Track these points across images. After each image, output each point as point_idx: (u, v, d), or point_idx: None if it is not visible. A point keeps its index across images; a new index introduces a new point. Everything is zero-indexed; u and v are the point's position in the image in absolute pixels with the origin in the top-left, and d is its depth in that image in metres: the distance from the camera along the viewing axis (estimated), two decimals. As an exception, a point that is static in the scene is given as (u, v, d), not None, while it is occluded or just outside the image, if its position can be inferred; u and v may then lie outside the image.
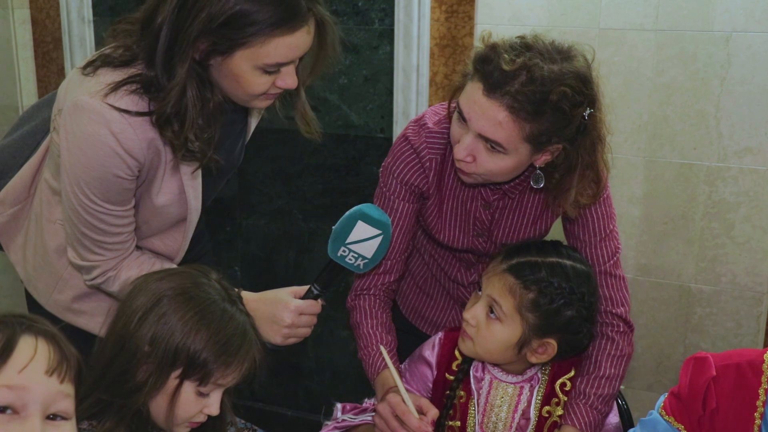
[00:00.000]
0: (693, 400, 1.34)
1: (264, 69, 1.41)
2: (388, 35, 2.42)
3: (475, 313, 1.55)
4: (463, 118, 1.44)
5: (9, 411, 0.91)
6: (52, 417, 0.95)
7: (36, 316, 1.00)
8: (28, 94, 2.78)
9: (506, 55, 1.36)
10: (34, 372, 0.93)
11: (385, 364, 1.56)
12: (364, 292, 1.69)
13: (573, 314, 1.51)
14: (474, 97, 1.40)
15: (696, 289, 2.26)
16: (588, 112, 1.42)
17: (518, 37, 1.42)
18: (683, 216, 2.23)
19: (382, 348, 1.57)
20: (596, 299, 1.58)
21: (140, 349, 1.24)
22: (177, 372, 1.24)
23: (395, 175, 1.61)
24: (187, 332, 1.23)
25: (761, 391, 1.30)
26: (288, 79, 1.45)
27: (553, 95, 1.35)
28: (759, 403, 1.30)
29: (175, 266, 1.61)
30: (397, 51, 2.37)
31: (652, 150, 2.21)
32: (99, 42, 2.67)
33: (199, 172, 1.54)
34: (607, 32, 2.17)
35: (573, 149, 1.45)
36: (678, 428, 1.35)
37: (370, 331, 1.64)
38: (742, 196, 2.16)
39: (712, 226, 2.20)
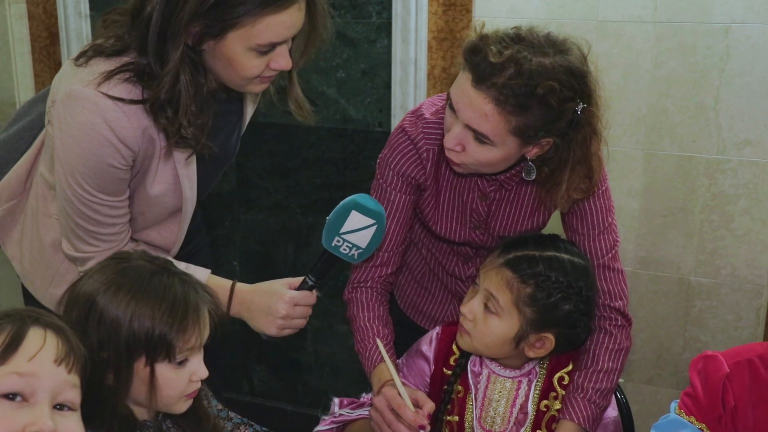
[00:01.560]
0: (711, 400, 1.33)
1: (257, 50, 1.40)
2: (385, 29, 2.41)
3: (472, 307, 1.54)
4: (452, 108, 1.43)
5: (19, 398, 0.94)
6: (59, 407, 0.98)
7: (44, 311, 1.03)
8: (24, 90, 2.77)
9: (494, 47, 1.35)
10: (43, 360, 0.97)
11: (382, 358, 1.56)
12: (361, 284, 1.68)
13: (570, 308, 1.50)
14: (463, 87, 1.40)
15: (695, 281, 2.25)
16: (581, 106, 1.40)
17: (514, 28, 1.41)
18: (682, 209, 2.22)
19: (378, 341, 1.57)
20: (594, 293, 1.57)
21: (96, 359, 1.17)
22: (141, 360, 1.20)
23: (392, 166, 1.61)
24: (130, 319, 1.19)
25: None
26: (282, 60, 1.45)
27: (540, 89, 1.34)
28: None
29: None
30: (395, 44, 2.36)
31: (651, 142, 2.20)
32: (96, 37, 2.66)
33: (193, 159, 1.53)
34: (605, 24, 2.16)
35: (564, 144, 1.44)
36: (701, 428, 1.34)
37: (367, 324, 1.64)
38: (742, 189, 2.15)
39: (711, 219, 2.19)
